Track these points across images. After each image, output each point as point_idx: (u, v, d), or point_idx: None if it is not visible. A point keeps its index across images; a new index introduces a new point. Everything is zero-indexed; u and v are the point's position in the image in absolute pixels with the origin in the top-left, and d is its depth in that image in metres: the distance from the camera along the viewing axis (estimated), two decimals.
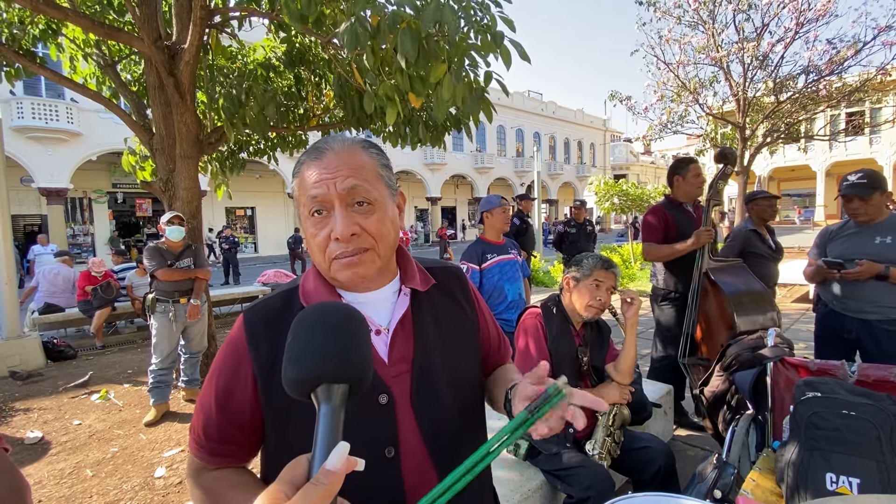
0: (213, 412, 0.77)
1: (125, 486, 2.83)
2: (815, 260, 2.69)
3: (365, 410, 0.73)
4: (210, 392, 0.78)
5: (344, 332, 0.53)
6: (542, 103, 35.85)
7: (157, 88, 4.07)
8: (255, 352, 0.76)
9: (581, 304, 1.93)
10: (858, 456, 1.35)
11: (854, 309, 2.49)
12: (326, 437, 0.47)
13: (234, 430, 0.77)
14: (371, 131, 4.60)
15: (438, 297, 0.87)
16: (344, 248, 0.72)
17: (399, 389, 0.77)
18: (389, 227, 0.77)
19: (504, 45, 2.33)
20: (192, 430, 0.80)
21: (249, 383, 0.76)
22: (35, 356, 5.46)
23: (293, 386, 0.51)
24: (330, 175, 0.73)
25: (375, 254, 0.75)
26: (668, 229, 3.03)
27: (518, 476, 1.99)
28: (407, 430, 0.76)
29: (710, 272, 2.86)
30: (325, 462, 0.44)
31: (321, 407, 0.49)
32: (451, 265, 0.96)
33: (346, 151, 0.76)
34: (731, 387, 2.52)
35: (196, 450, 0.79)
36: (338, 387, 0.50)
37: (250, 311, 0.81)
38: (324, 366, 0.50)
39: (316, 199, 0.73)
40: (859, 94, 11.16)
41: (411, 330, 0.81)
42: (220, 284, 12.64)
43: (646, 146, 17.17)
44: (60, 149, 16.12)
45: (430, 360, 0.80)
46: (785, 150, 23.90)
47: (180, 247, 3.94)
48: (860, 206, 2.46)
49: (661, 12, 11.06)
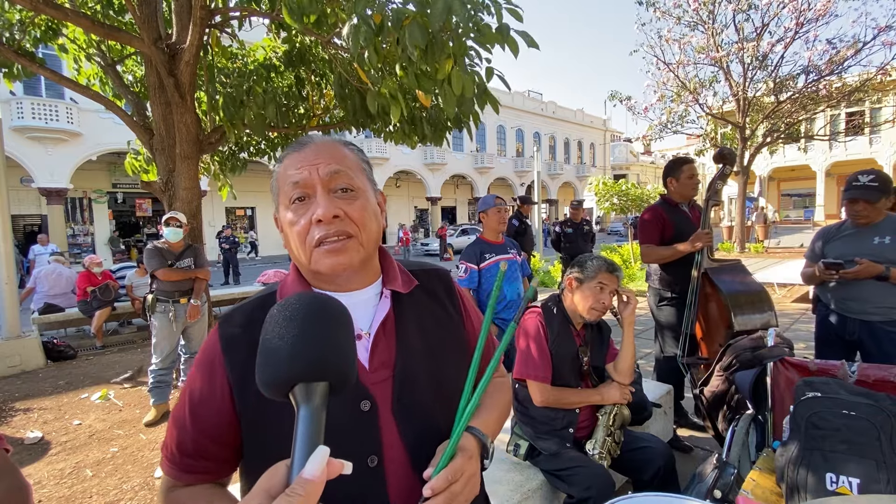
0: (186, 425, 0.73)
1: (125, 486, 2.83)
2: (811, 262, 2.67)
3: (346, 418, 0.70)
4: (183, 404, 0.74)
5: (320, 323, 0.48)
6: (542, 103, 35.84)
7: (157, 88, 4.08)
8: (229, 360, 0.72)
9: (584, 307, 1.93)
10: (858, 456, 1.35)
11: (856, 310, 2.47)
12: (306, 441, 0.43)
13: (209, 444, 0.73)
14: (372, 131, 4.60)
15: (422, 299, 0.83)
16: (326, 231, 0.69)
17: (381, 396, 0.73)
18: (372, 217, 0.75)
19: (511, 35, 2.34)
20: (165, 447, 0.76)
21: (225, 393, 0.72)
22: (35, 356, 5.46)
23: (268, 386, 0.47)
24: (312, 161, 0.72)
25: (359, 242, 0.72)
26: (665, 230, 3.02)
27: (518, 476, 1.99)
28: (389, 437, 0.72)
29: (708, 271, 2.86)
30: (302, 470, 0.41)
31: (300, 409, 0.45)
32: (434, 267, 0.92)
33: (328, 144, 0.76)
34: (731, 387, 2.53)
35: (168, 467, 0.75)
36: (317, 385, 0.46)
37: (225, 317, 0.77)
38: (297, 363, 0.46)
39: (298, 185, 0.71)
40: (859, 94, 11.17)
41: (393, 334, 0.77)
42: (220, 284, 12.65)
43: (646, 146, 17.18)
44: (60, 149, 16.11)
45: (413, 366, 0.77)
46: (785, 150, 23.90)
47: (181, 247, 3.95)
48: (865, 209, 2.42)
49: (661, 12, 11.06)
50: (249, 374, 0.69)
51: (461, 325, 0.88)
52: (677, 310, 3.06)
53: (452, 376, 0.82)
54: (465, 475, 0.68)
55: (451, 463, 0.67)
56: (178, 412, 0.75)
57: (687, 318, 2.93)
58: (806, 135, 14.34)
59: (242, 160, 5.70)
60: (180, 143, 4.02)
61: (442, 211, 30.77)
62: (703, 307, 2.92)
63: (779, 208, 32.89)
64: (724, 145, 13.51)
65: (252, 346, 0.55)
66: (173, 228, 3.84)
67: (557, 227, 6.65)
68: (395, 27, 2.28)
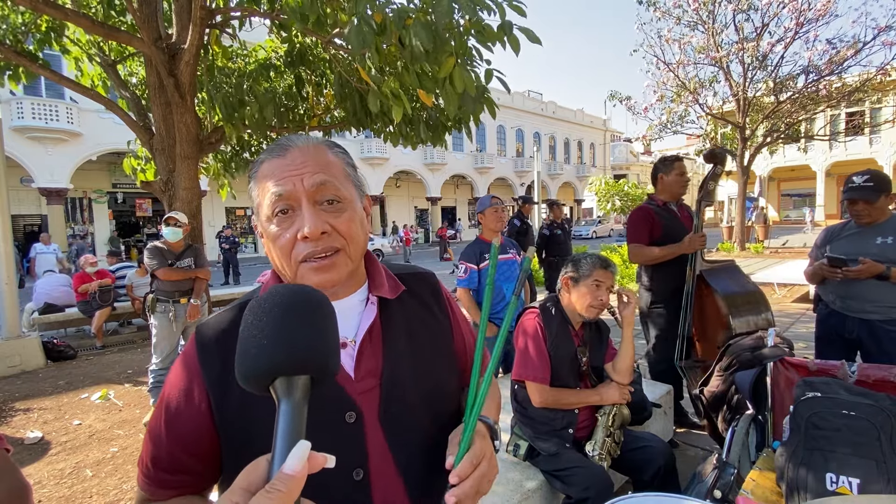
0: (162, 438, 0.70)
1: (125, 486, 2.83)
2: (815, 260, 2.67)
3: (331, 430, 0.67)
4: (159, 417, 0.71)
5: (300, 315, 0.47)
6: (542, 103, 35.85)
7: (157, 88, 4.08)
8: (207, 368, 0.69)
9: (582, 305, 1.94)
10: (858, 456, 1.35)
11: (856, 309, 2.48)
12: (287, 435, 0.42)
13: (186, 458, 0.69)
14: (372, 131, 4.60)
15: (409, 303, 0.81)
16: (313, 248, 0.66)
17: (367, 406, 0.70)
18: (359, 228, 0.71)
19: (513, 33, 2.34)
20: (141, 462, 0.73)
21: (203, 403, 0.68)
22: (35, 356, 5.46)
23: (247, 380, 0.46)
24: (296, 171, 0.67)
25: (347, 255, 0.69)
26: (654, 230, 2.98)
27: (518, 476, 1.99)
28: (376, 449, 0.70)
29: (703, 273, 2.84)
30: (283, 464, 0.40)
31: (280, 403, 0.44)
32: (422, 271, 0.89)
33: (312, 147, 0.70)
34: (731, 387, 2.53)
35: (144, 483, 0.71)
36: (298, 379, 0.45)
37: (203, 325, 0.74)
38: (277, 356, 0.45)
39: (281, 197, 0.66)
40: (859, 94, 11.17)
41: (380, 341, 0.74)
42: (220, 284, 12.65)
43: (646, 146, 17.18)
44: (60, 149, 16.12)
45: (401, 374, 0.74)
46: (785, 150, 23.92)
47: (181, 247, 3.94)
48: (865, 209, 2.43)
49: (661, 12, 11.06)
50: (227, 385, 0.67)
51: (448, 328, 0.86)
52: (668, 312, 3.01)
53: (442, 381, 0.80)
54: (487, 456, 0.68)
55: (471, 448, 0.67)
56: (153, 425, 0.72)
57: (683, 321, 2.90)
58: (806, 135, 14.34)
59: (244, 160, 5.70)
60: (180, 143, 4.02)
61: (442, 211, 30.78)
62: (698, 309, 2.90)
63: (779, 208, 32.91)
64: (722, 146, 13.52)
65: (230, 352, 0.53)
66: (172, 228, 3.84)
67: (546, 229, 6.53)
68: (398, 26, 2.28)
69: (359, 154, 24.22)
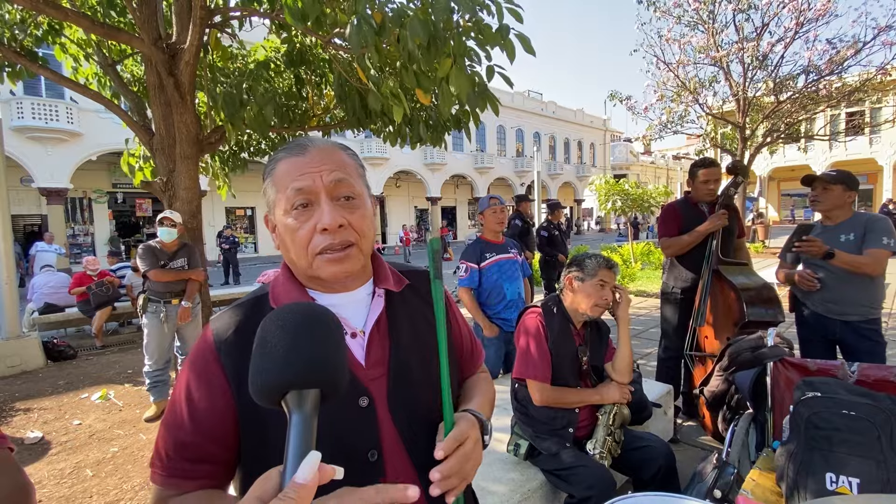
0: (185, 430, 0.71)
1: (125, 486, 2.84)
2: (786, 262, 2.84)
3: (347, 414, 0.72)
4: (180, 409, 0.72)
5: (311, 332, 0.50)
6: (542, 103, 35.83)
7: (157, 88, 4.07)
8: (226, 360, 0.72)
9: (587, 305, 1.95)
10: (858, 456, 1.35)
11: (836, 311, 2.58)
12: (298, 447, 0.44)
13: (212, 446, 0.71)
14: (371, 131, 4.60)
15: (412, 297, 0.86)
16: (331, 241, 0.71)
17: (377, 392, 0.75)
18: (370, 225, 0.77)
19: (509, 38, 2.34)
20: (157, 457, 0.73)
21: (225, 393, 0.71)
22: (35, 356, 5.46)
23: (260, 394, 0.48)
24: (315, 168, 0.72)
25: (359, 250, 0.74)
26: (679, 226, 3.11)
27: (518, 476, 1.99)
28: (387, 432, 0.75)
29: (719, 269, 2.96)
30: (294, 474, 0.41)
31: (292, 415, 0.46)
32: (422, 268, 0.93)
33: (329, 148, 0.76)
34: (731, 387, 2.53)
35: (163, 479, 0.71)
36: (308, 393, 0.47)
37: (217, 319, 0.77)
38: (289, 371, 0.47)
39: (301, 192, 0.71)
40: (859, 94, 11.16)
41: (386, 331, 0.80)
42: (220, 284, 12.66)
43: (646, 146, 17.19)
44: (60, 149, 16.10)
45: (406, 361, 0.79)
46: (785, 150, 23.89)
47: (175, 247, 3.90)
48: (820, 193, 2.59)
49: (661, 12, 11.05)
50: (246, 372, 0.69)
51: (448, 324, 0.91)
52: (680, 304, 3.15)
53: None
54: (473, 438, 0.73)
55: (455, 428, 0.72)
56: (171, 419, 0.73)
57: (696, 313, 3.03)
58: (806, 135, 14.33)
59: (243, 160, 5.70)
60: (180, 143, 4.02)
61: (442, 211, 30.77)
62: (712, 302, 3.02)
63: (779, 208, 32.91)
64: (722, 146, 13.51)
65: (247, 346, 0.56)
66: (167, 228, 3.81)
67: (544, 230, 6.89)
68: (396, 23, 2.28)
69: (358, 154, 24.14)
